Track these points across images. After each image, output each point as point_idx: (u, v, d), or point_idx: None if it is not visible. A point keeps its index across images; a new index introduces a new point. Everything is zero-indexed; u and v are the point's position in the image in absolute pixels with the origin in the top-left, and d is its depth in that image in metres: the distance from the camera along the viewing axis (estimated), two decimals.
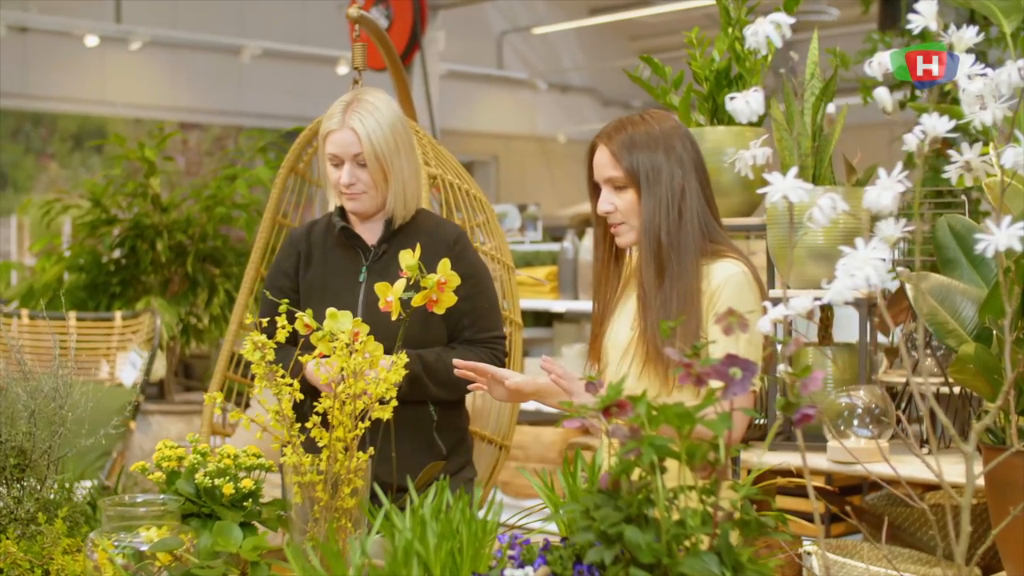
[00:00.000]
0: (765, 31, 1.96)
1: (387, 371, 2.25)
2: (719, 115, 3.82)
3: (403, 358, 2.26)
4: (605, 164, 2.78)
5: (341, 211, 3.18)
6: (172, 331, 5.56)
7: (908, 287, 2.94)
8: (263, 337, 2.31)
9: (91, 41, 10.42)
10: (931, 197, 3.82)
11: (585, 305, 6.38)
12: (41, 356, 5.32)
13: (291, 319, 2.37)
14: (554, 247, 7.02)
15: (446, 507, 1.92)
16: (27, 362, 2.84)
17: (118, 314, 5.23)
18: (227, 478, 2.39)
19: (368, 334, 2.97)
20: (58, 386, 2.79)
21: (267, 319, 3.10)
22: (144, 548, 2.21)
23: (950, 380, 3.40)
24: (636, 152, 2.74)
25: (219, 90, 12.08)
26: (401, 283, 2.39)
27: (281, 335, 2.33)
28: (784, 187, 1.98)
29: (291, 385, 2.32)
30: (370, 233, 3.16)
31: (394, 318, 2.40)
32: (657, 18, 13.32)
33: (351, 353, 2.26)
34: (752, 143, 2.11)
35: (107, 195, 6.03)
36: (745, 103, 2.00)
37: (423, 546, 1.81)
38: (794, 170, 2.00)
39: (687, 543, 1.85)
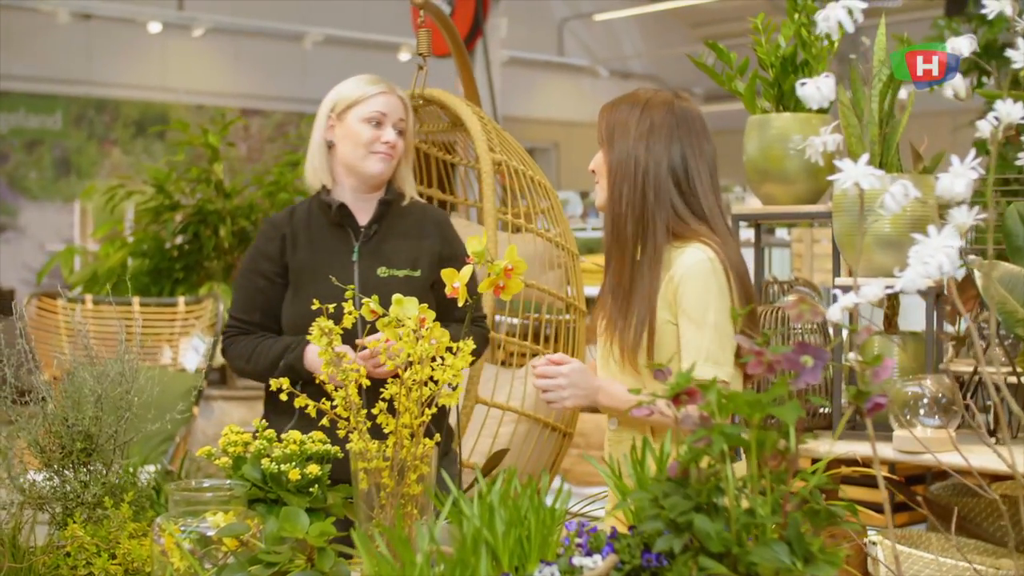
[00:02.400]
0: (837, 16, 1.94)
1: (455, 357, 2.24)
2: (785, 101, 3.78)
3: (469, 344, 2.25)
4: (600, 130, 2.86)
5: (324, 194, 3.18)
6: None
7: (978, 275, 2.91)
8: (330, 323, 2.31)
9: (154, 28, 10.50)
10: (998, 185, 3.76)
11: None
12: (105, 341, 5.36)
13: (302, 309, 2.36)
14: None
15: (514, 494, 1.91)
16: (93, 347, 2.87)
17: (181, 299, 5.27)
18: (293, 464, 2.40)
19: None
20: (124, 371, 2.82)
21: (243, 310, 3.13)
22: (210, 533, 2.22)
23: (1019, 369, 3.35)
24: (613, 127, 2.80)
25: (281, 76, 12.14)
26: (468, 269, 2.38)
27: (348, 320, 2.34)
28: (855, 174, 1.95)
29: (357, 371, 2.32)
30: (362, 213, 3.17)
31: (460, 304, 2.39)
32: (718, 5, 13.23)
33: (418, 339, 2.25)
34: (822, 130, 2.09)
35: (170, 181, 6.07)
36: (816, 89, 1.98)
37: (491, 533, 1.81)
38: (865, 157, 1.98)
39: (755, 532, 1.84)
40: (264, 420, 3.18)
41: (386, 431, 2.32)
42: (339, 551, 2.22)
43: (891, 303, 3.79)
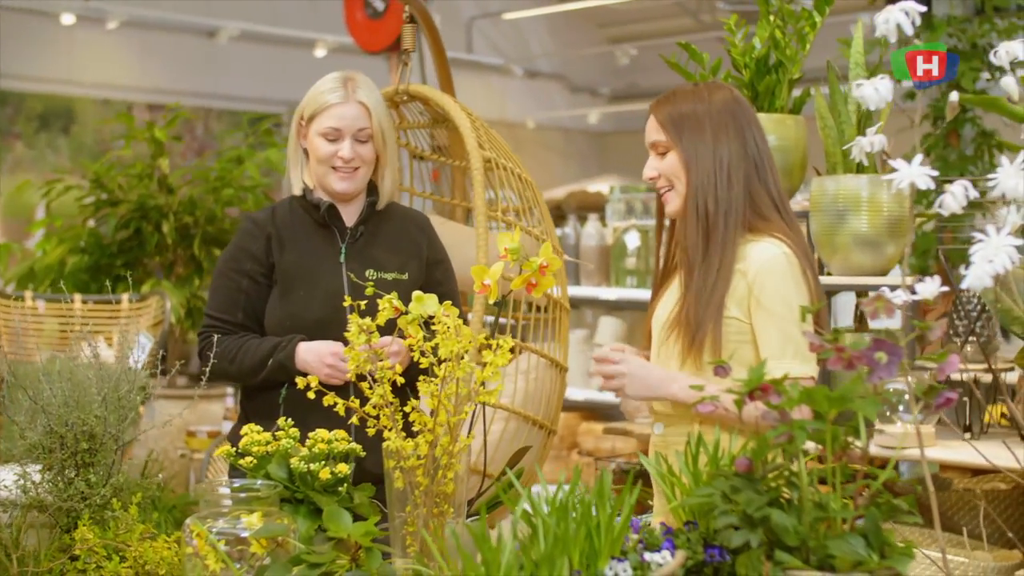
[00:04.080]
0: (896, 19, 1.96)
1: (494, 355, 2.23)
2: (759, 102, 3.82)
3: (509, 341, 2.25)
4: (651, 129, 2.80)
5: (309, 194, 3.13)
6: (178, 314, 5.50)
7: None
8: (368, 320, 2.29)
9: (67, 20, 10.26)
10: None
11: (583, 291, 6.38)
12: (43, 338, 5.24)
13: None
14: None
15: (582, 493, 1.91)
16: (92, 345, 2.80)
17: (125, 296, 5.16)
18: (322, 463, 2.36)
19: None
20: (125, 369, 2.76)
21: (224, 310, 3.07)
22: (245, 534, 2.18)
23: (993, 367, 3.43)
24: (682, 119, 2.75)
25: (190, 72, 11.93)
26: (499, 265, 2.36)
27: (382, 317, 2.31)
28: (911, 174, 1.98)
29: (392, 368, 2.30)
30: (347, 215, 3.13)
31: (492, 301, 2.38)
32: (626, 6, 13.29)
33: (456, 335, 2.23)
34: (869, 131, 2.11)
35: (109, 176, 5.94)
36: (874, 90, 2.00)
37: (563, 531, 1.80)
38: (919, 157, 2.00)
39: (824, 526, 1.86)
40: (241, 423, 3.15)
41: (416, 429, 2.30)
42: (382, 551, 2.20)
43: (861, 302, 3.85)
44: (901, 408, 3.41)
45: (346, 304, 2.42)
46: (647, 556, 1.88)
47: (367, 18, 7.58)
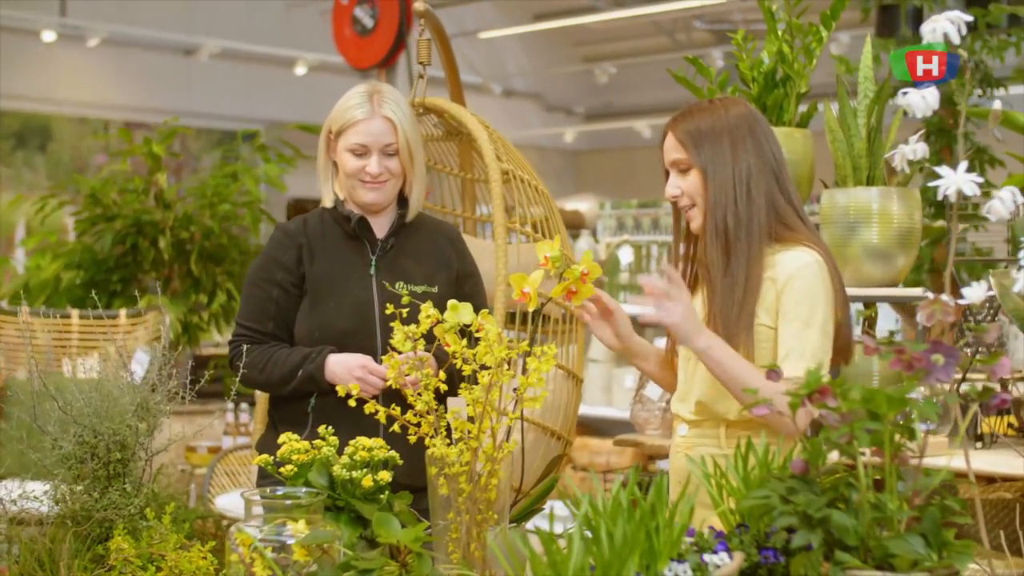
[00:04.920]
0: (943, 28, 1.99)
1: (538, 361, 2.25)
2: (767, 116, 3.86)
3: (552, 348, 2.26)
4: (670, 148, 2.81)
5: (340, 206, 3.13)
6: (176, 330, 5.49)
7: (993, 283, 3.00)
8: (413, 327, 2.30)
9: (48, 37, 10.22)
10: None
11: None
12: (38, 352, 5.21)
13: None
14: None
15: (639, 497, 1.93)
16: (119, 357, 2.80)
17: (122, 312, 5.14)
18: (364, 471, 2.37)
19: (383, 326, 2.99)
20: (156, 379, 2.76)
21: (255, 319, 3.07)
22: (291, 541, 2.18)
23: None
24: (700, 135, 2.77)
25: (167, 90, 11.92)
26: (539, 273, 2.38)
27: (425, 325, 2.32)
28: (957, 180, 2.01)
29: (437, 376, 2.32)
30: (377, 227, 3.15)
31: (531, 309, 2.39)
32: (602, 25, 13.38)
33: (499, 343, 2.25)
34: (911, 139, 2.14)
35: (105, 192, 5.93)
36: (921, 98, 2.03)
37: (631, 531, 1.82)
38: (964, 164, 2.04)
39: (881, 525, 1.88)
40: (270, 431, 3.15)
41: (456, 436, 2.31)
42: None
43: (869, 313, 3.89)
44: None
45: (388, 312, 2.43)
46: (706, 558, 1.90)
47: (356, 35, 7.61)
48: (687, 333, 2.64)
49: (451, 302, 2.42)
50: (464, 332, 2.37)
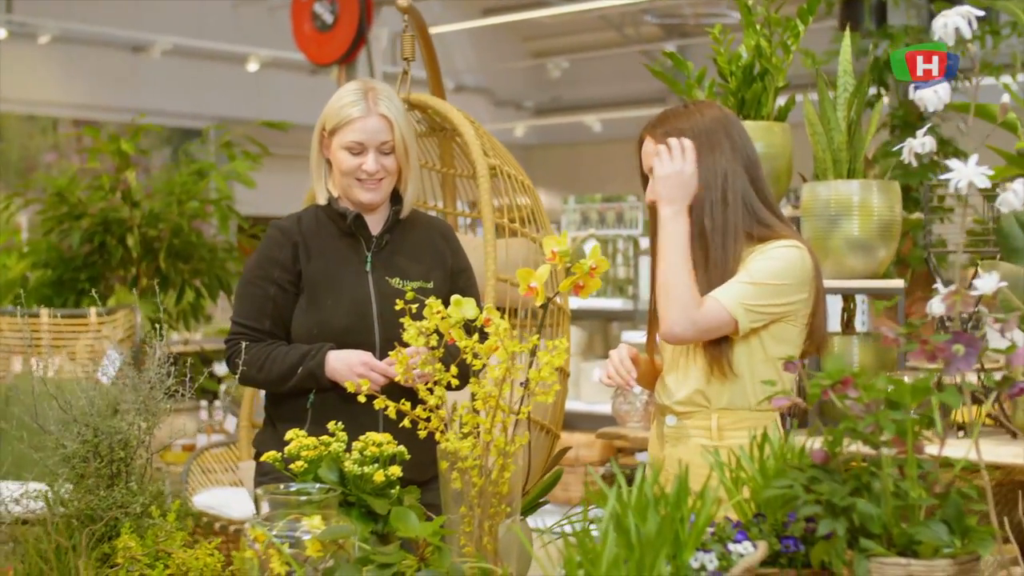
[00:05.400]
0: (955, 23, 2.03)
1: (550, 354, 2.27)
2: (746, 110, 3.90)
3: (564, 342, 2.28)
4: (649, 153, 2.85)
5: (335, 203, 3.13)
6: (147, 328, 5.44)
7: (981, 273, 3.05)
8: (425, 323, 2.31)
9: None
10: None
11: None
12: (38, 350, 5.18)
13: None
14: None
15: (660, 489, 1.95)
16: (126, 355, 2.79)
17: (92, 311, 5.11)
18: (376, 466, 2.38)
19: (381, 322, 3.00)
20: (157, 377, 2.75)
21: (252, 318, 3.06)
22: (307, 536, 2.18)
23: (984, 367, 3.53)
24: (673, 130, 2.81)
25: (117, 87, 11.81)
26: (546, 268, 2.40)
27: (433, 321, 2.33)
28: (968, 173, 2.05)
29: (449, 371, 2.33)
30: (372, 224, 3.15)
31: (539, 304, 2.41)
32: (551, 19, 13.40)
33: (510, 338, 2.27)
34: (918, 132, 2.18)
35: (70, 190, 5.88)
36: (933, 93, 2.07)
37: (664, 523, 1.84)
38: (975, 157, 2.07)
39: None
40: (268, 428, 3.15)
41: (465, 431, 2.33)
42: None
43: (848, 306, 3.94)
44: None
45: (398, 307, 2.43)
46: (731, 546, 1.93)
47: (316, 31, 7.59)
48: (670, 188, 2.76)
49: (454, 297, 2.43)
50: (469, 327, 2.39)
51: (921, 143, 2.09)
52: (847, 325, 3.94)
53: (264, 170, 6.30)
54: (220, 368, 5.94)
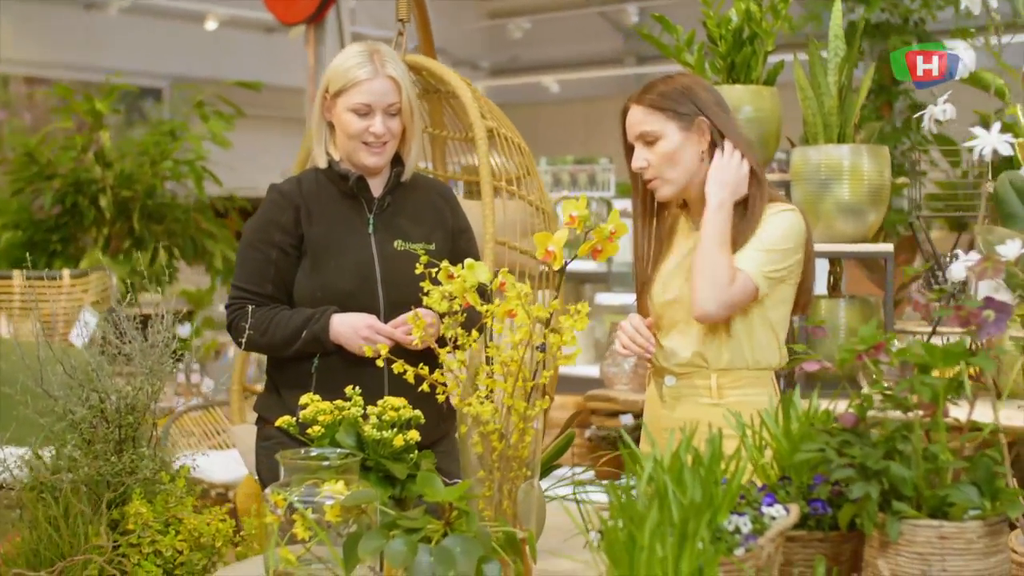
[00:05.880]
0: None
1: (572, 319, 2.27)
2: (735, 74, 3.91)
3: (585, 307, 2.29)
4: (637, 121, 2.85)
5: (336, 165, 3.11)
6: (122, 290, 5.39)
7: (978, 238, 3.09)
8: (448, 287, 2.31)
9: None
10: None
11: None
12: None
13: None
14: None
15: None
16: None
17: (66, 272, 5.05)
18: (395, 431, 2.38)
19: (384, 284, 3.00)
20: (163, 341, 2.73)
21: (253, 282, 3.04)
22: (330, 502, 2.18)
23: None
24: (668, 96, 2.82)
25: (71, 45, 11.65)
26: (563, 232, 2.40)
27: (448, 284, 2.33)
28: (991, 140, 2.07)
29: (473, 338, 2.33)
30: (373, 186, 3.12)
31: (557, 268, 2.41)
32: None
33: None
34: (940, 99, 2.19)
35: (39, 151, 5.79)
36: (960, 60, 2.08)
37: (700, 490, 1.85)
38: (997, 125, 2.09)
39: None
40: (271, 394, 3.13)
41: (483, 396, 2.33)
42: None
43: (835, 269, 3.97)
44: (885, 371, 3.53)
45: (418, 271, 2.42)
46: (765, 509, 1.95)
47: None
48: (718, 185, 2.78)
49: (467, 261, 2.43)
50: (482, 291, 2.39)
51: (942, 110, 2.10)
52: (833, 288, 3.98)
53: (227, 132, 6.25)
54: (183, 330, 5.90)
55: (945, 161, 4.68)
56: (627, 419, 4.34)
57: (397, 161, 3.12)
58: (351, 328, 2.94)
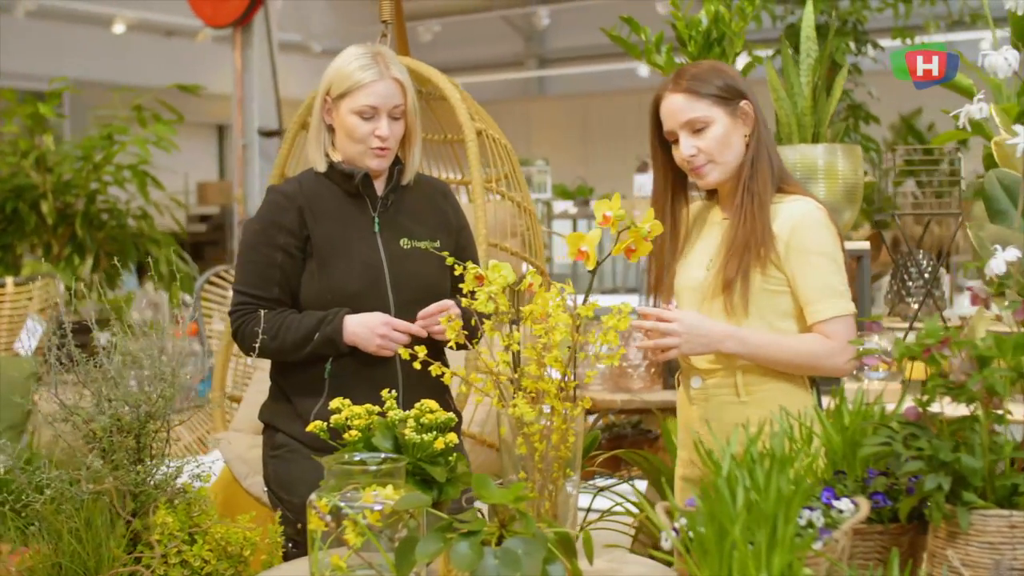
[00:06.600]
0: None
1: (616, 318, 2.28)
2: None
3: (628, 306, 2.30)
4: (681, 108, 2.81)
5: (339, 164, 3.08)
6: (66, 297, 5.24)
7: (971, 234, 3.16)
8: (491, 287, 2.30)
9: None
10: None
11: None
12: None
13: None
14: None
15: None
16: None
17: (9, 280, 4.91)
18: (435, 434, 2.36)
19: (393, 285, 2.98)
20: (172, 346, 2.68)
21: (258, 286, 3.00)
22: (379, 507, 2.16)
23: (948, 325, 3.66)
24: (704, 79, 2.81)
25: None
26: (597, 233, 2.40)
27: (468, 286, 2.33)
28: None
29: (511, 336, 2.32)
30: (375, 185, 3.10)
31: (591, 268, 2.41)
32: None
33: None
34: (976, 98, 2.24)
35: None
36: (1004, 59, 2.13)
37: (786, 484, 1.87)
38: None
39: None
40: (279, 401, 3.08)
41: (518, 400, 2.32)
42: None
43: None
44: (866, 367, 3.59)
45: (448, 261, 2.41)
46: (837, 504, 1.98)
47: None
48: (710, 347, 2.75)
49: (492, 262, 2.42)
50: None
51: (978, 108, 2.15)
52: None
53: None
54: (103, 337, 5.75)
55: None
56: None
57: (396, 160, 3.09)
58: (366, 327, 2.90)
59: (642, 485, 3.82)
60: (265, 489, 3.09)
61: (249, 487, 3.47)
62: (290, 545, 2.72)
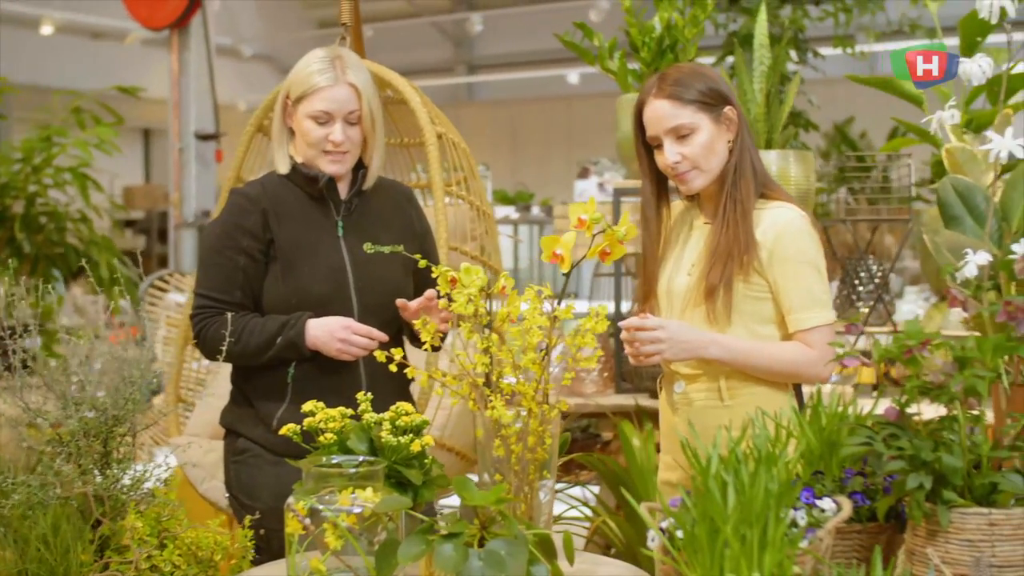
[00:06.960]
0: (1001, 2, 2.13)
1: (593, 321, 2.29)
2: None
3: (605, 308, 2.31)
4: (665, 114, 2.79)
5: (303, 168, 3.06)
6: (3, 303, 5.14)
7: (926, 239, 3.21)
8: (473, 289, 2.30)
9: None
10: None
11: None
12: None
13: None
14: None
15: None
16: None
17: None
18: (411, 436, 2.36)
19: (357, 289, 2.97)
20: (142, 352, 2.65)
21: (220, 290, 2.97)
22: (358, 510, 2.16)
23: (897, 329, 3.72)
24: (686, 83, 2.79)
25: None
26: (571, 235, 2.41)
27: (443, 289, 2.33)
28: (1006, 144, 2.16)
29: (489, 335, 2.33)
30: (339, 189, 3.08)
31: (566, 271, 2.42)
32: None
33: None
34: (947, 105, 2.28)
35: None
36: (978, 66, 2.17)
37: (775, 483, 1.89)
38: (1010, 130, 2.18)
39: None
40: (242, 406, 3.05)
41: (496, 402, 2.33)
42: None
43: None
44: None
45: (420, 264, 2.41)
46: (820, 503, 2.00)
47: None
48: (693, 354, 2.75)
49: (464, 266, 2.42)
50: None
51: (951, 115, 2.19)
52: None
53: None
54: (32, 343, 5.67)
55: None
56: None
57: (359, 164, 3.08)
58: (327, 331, 2.88)
59: (594, 489, 3.84)
60: (226, 495, 3.06)
61: (205, 492, 3.44)
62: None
